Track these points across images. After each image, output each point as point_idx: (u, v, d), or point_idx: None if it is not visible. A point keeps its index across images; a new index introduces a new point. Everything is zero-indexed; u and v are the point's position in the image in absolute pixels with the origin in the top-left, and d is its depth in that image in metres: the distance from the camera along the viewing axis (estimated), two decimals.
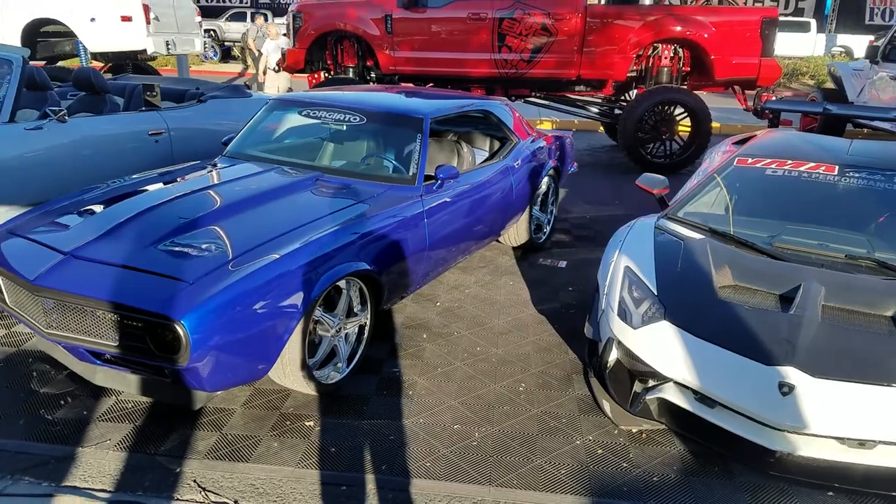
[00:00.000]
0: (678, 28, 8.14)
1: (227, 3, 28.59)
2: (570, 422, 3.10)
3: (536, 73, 8.42)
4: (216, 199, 3.39)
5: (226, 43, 23.53)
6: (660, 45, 8.47)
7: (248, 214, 3.27)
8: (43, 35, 8.98)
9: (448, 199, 3.93)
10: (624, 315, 3.09)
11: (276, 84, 10.69)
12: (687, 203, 3.90)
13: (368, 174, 3.92)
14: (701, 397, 2.80)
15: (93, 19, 8.51)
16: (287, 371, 2.99)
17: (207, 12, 27.31)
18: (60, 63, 9.10)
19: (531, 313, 4.22)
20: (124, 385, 2.93)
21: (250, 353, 2.77)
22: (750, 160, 4.08)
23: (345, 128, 4.26)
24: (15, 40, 8.52)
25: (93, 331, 2.71)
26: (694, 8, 8.79)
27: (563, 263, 5.16)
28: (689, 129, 8.58)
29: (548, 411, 3.17)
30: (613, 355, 3.06)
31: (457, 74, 8.54)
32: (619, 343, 3.03)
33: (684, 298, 3.09)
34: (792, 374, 2.61)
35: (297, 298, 2.87)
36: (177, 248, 2.88)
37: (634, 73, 8.75)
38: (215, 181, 3.71)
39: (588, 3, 8.36)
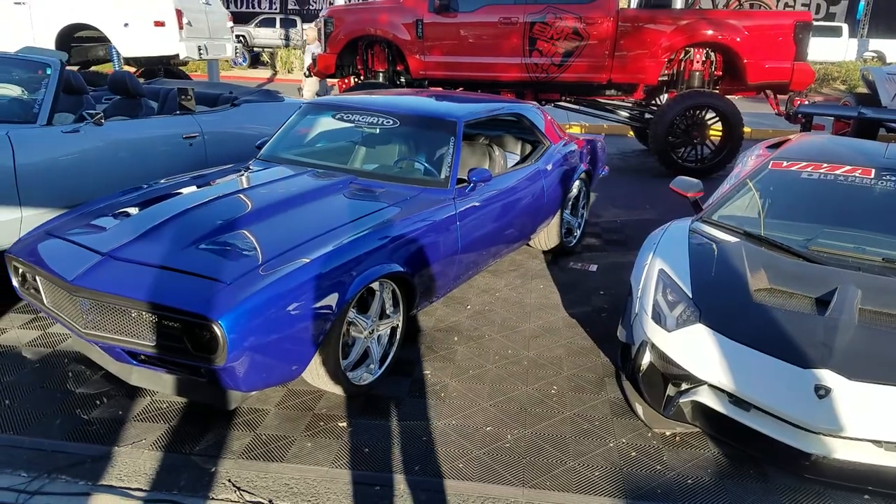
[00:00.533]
0: (710, 32, 8.07)
1: (257, 10, 28.95)
2: (603, 424, 3.07)
3: (567, 77, 8.40)
4: (251, 202, 3.43)
5: (255, 49, 23.82)
6: (692, 49, 8.40)
7: (282, 217, 3.30)
8: (77, 40, 9.17)
9: (480, 203, 3.93)
10: (658, 318, 3.07)
11: (312, 89, 10.85)
12: (721, 206, 3.86)
13: (401, 177, 3.94)
14: (735, 400, 2.78)
15: (126, 24, 8.68)
16: (320, 372, 3.01)
17: (237, 18, 27.66)
18: (94, 68, 9.28)
19: (562, 317, 4.20)
20: (160, 385, 2.98)
21: (285, 354, 2.80)
22: (785, 164, 4.04)
23: (378, 131, 4.29)
24: (50, 45, 8.72)
25: (130, 331, 2.75)
26: (727, 12, 8.71)
27: (593, 267, 5.13)
28: (720, 134, 8.49)
29: (580, 414, 3.15)
30: (647, 358, 3.05)
31: (487, 79, 8.55)
32: (653, 346, 3.02)
33: (719, 301, 3.06)
34: (828, 376, 2.58)
35: (332, 300, 2.89)
36: (213, 250, 2.93)
37: (666, 78, 8.70)
38: (250, 184, 3.75)
39: (619, 6, 8.33)
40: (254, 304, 2.62)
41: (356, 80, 9.11)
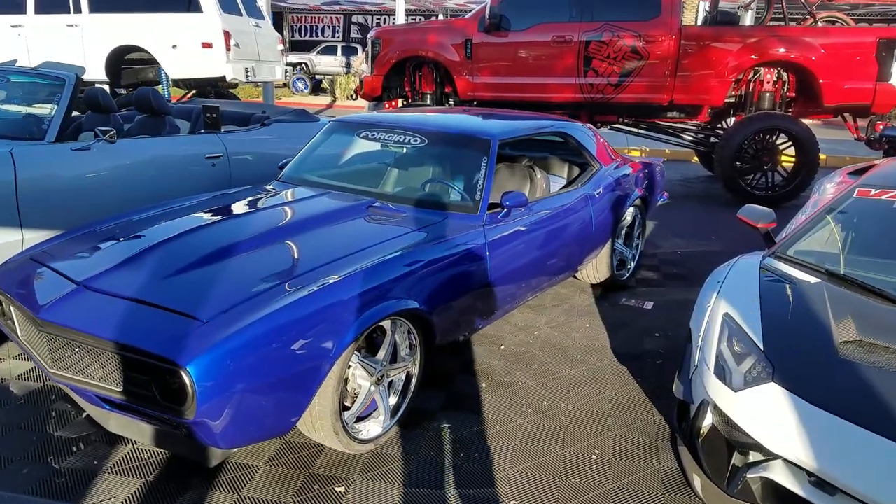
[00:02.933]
0: (782, 50, 7.47)
1: (320, 38, 29.44)
2: (653, 501, 2.54)
3: (625, 97, 7.90)
4: (253, 227, 3.06)
5: (316, 76, 24.13)
6: (762, 68, 7.80)
7: (285, 244, 2.92)
8: (127, 62, 9.20)
9: (515, 230, 3.47)
10: (722, 373, 2.54)
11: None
12: (799, 240, 3.29)
13: (427, 201, 3.52)
14: (817, 481, 2.20)
15: (174, 46, 8.64)
16: (317, 425, 2.59)
17: (300, 46, 28.30)
18: None
19: (610, 363, 3.67)
20: (138, 434, 2.61)
21: (272, 405, 2.38)
22: (873, 192, 3.45)
23: (405, 150, 3.90)
24: (100, 67, 8.76)
25: (97, 373, 2.39)
26: (801, 28, 8.07)
27: (649, 305, 4.57)
28: (793, 160, 7.83)
29: (625, 487, 2.62)
30: (708, 421, 2.52)
31: (539, 100, 8.12)
32: (716, 407, 2.48)
33: (797, 355, 2.51)
34: None
35: (331, 341, 2.47)
36: (196, 281, 2.55)
37: (733, 99, 8.11)
38: (258, 207, 3.41)
39: (683, 24, 7.82)
40: (232, 347, 2.22)
41: (403, 102, 8.81)
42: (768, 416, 2.33)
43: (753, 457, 2.39)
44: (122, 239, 3.02)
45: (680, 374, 2.87)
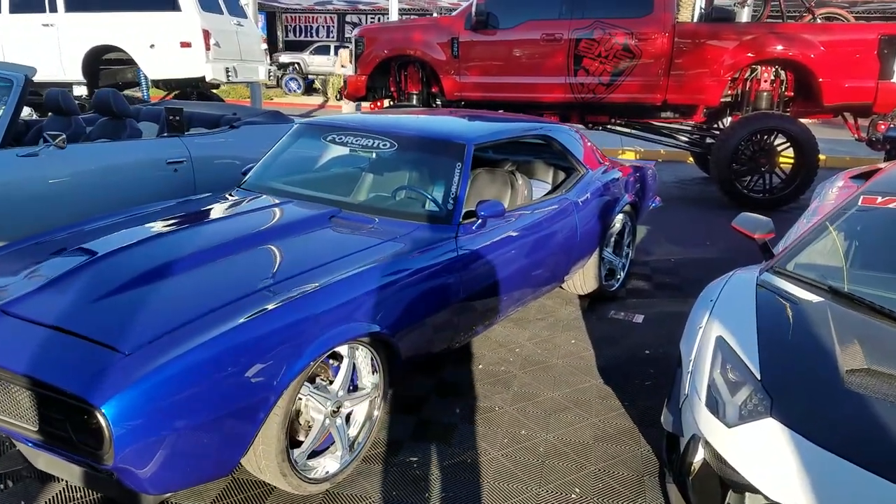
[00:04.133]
0: (780, 48, 7.21)
1: (314, 38, 29.15)
2: None
3: (617, 97, 7.64)
4: (203, 240, 2.78)
5: (309, 76, 23.87)
6: (759, 66, 7.54)
7: (231, 260, 2.64)
8: (105, 62, 8.91)
9: (490, 242, 3.20)
10: (715, 405, 2.27)
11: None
12: (799, 252, 3.01)
13: (396, 210, 3.24)
14: None
15: (152, 46, 8.36)
16: (262, 465, 2.32)
17: (293, 46, 28.01)
18: (126, 92, 8.99)
19: (595, 384, 3.40)
20: (68, 475, 2.32)
21: (209, 446, 2.11)
22: (879, 199, 3.17)
23: (374, 155, 3.63)
24: (77, 68, 8.48)
25: (12, 410, 2.12)
26: (799, 25, 7.81)
27: (639, 318, 4.30)
28: (791, 162, 7.57)
29: None
30: (699, 456, 2.26)
31: (528, 100, 7.86)
32: (707, 443, 2.22)
33: (798, 386, 2.24)
34: None
35: (276, 371, 2.19)
36: (124, 305, 2.28)
37: (729, 99, 7.85)
38: (213, 217, 3.13)
39: (677, 21, 7.56)
40: (155, 383, 1.95)
41: (389, 102, 8.54)
42: (766, 457, 2.06)
43: (751, 500, 2.12)
44: (59, 254, 2.74)
45: (669, 403, 2.61)
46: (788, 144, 7.51)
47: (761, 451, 2.08)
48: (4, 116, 3.64)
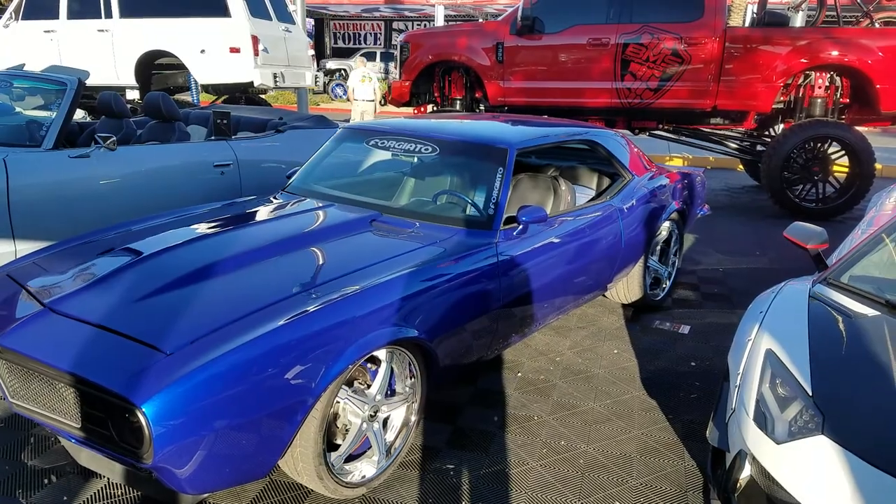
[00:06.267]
0: (836, 53, 6.99)
1: (361, 45, 29.43)
2: None
3: (664, 103, 7.50)
4: (246, 242, 2.80)
5: None
6: (813, 72, 7.31)
7: (276, 262, 2.66)
8: (157, 67, 9.13)
9: (532, 248, 3.15)
10: (763, 421, 2.18)
11: (359, 110, 11.68)
12: (854, 264, 2.89)
13: (436, 215, 3.22)
14: None
15: (202, 51, 8.51)
16: (299, 468, 2.32)
17: (340, 53, 28.32)
18: (176, 96, 9.21)
19: (638, 396, 3.32)
20: (109, 471, 2.36)
21: (247, 447, 2.11)
22: None
23: (416, 160, 3.62)
24: (129, 72, 8.69)
25: (56, 406, 2.17)
26: (856, 30, 7.55)
27: (685, 329, 4.19)
28: (845, 170, 7.32)
29: None
30: (746, 473, 2.18)
31: (573, 105, 7.77)
32: (755, 459, 2.13)
33: (851, 403, 2.14)
34: None
35: (314, 374, 2.19)
36: (167, 305, 2.30)
37: (781, 105, 7.63)
38: (257, 220, 3.15)
39: (728, 25, 7.39)
40: (196, 383, 1.96)
41: (433, 108, 8.55)
42: (816, 475, 1.98)
43: None
44: (106, 253, 2.80)
45: (715, 417, 2.52)
46: (843, 153, 7.27)
47: (811, 469, 1.99)
48: (58, 119, 3.74)
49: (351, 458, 2.51)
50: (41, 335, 2.20)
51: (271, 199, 3.57)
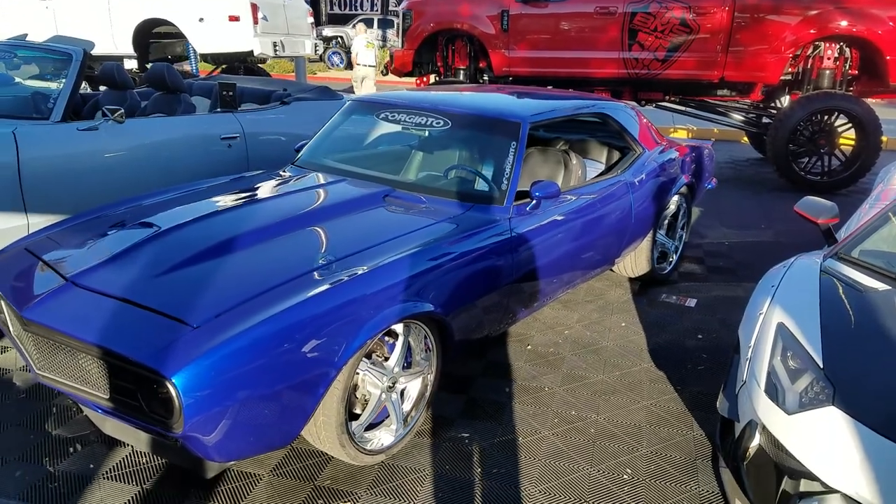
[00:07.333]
0: (845, 23, 6.91)
1: (358, 11, 29.02)
2: None
3: (672, 73, 7.46)
4: (261, 217, 2.83)
5: (352, 50, 23.78)
6: (822, 43, 7.25)
7: (293, 237, 2.69)
8: (155, 36, 9.02)
9: (544, 223, 3.18)
10: (774, 392, 2.24)
11: (360, 75, 12.01)
12: (866, 238, 2.92)
13: (448, 190, 3.25)
14: None
15: (201, 19, 8.40)
16: (322, 436, 2.38)
17: (335, 20, 27.91)
18: (176, 66, 9.11)
19: (646, 367, 3.38)
20: (134, 440, 2.42)
21: (272, 416, 2.17)
22: None
23: (427, 134, 3.63)
24: (127, 41, 8.57)
25: (83, 377, 2.22)
26: (867, 0, 7.47)
27: (692, 302, 4.24)
28: (851, 143, 7.30)
29: None
30: (755, 442, 2.24)
31: (579, 76, 7.73)
32: (765, 429, 2.19)
33: (861, 375, 2.20)
34: None
35: (336, 347, 2.24)
36: (191, 279, 2.34)
37: (789, 76, 7.58)
38: (270, 195, 3.18)
39: None
40: (223, 355, 2.01)
41: (435, 78, 8.49)
42: (826, 445, 2.03)
43: (806, 486, 2.10)
44: (123, 227, 2.83)
45: (725, 388, 2.58)
46: (850, 125, 7.25)
47: (821, 438, 2.05)
48: (65, 91, 3.72)
49: (370, 426, 2.57)
50: (67, 309, 2.25)
51: (281, 172, 3.59)
